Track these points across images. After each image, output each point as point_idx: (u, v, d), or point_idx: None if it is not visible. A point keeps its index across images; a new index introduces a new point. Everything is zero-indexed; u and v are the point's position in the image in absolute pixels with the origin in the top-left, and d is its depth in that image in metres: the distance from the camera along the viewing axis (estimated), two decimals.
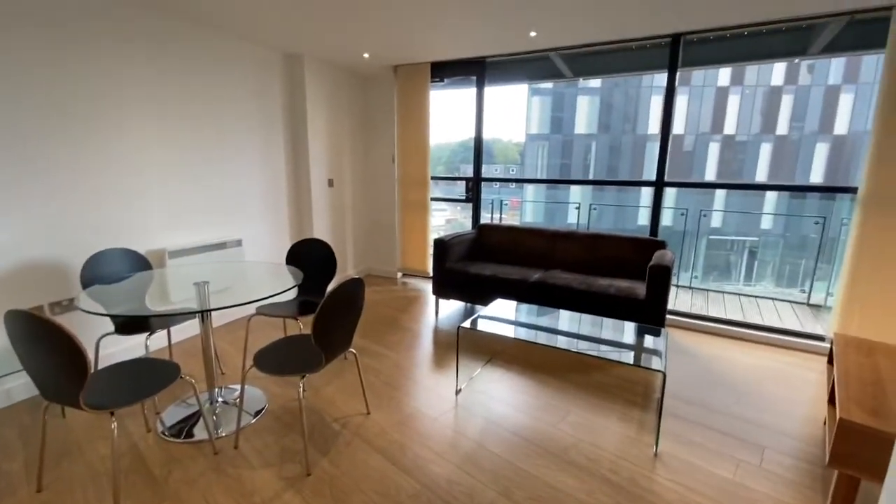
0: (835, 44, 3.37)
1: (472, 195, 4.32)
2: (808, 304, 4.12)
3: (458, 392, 2.38)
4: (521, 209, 20.96)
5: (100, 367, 2.22)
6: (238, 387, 2.39)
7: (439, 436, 1.99)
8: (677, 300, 4.20)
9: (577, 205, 4.94)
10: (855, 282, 2.77)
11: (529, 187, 22.38)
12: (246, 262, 3.12)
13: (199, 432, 2.00)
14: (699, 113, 21.62)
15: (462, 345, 3.03)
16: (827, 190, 4.59)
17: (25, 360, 1.46)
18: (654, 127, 22.10)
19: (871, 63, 19.17)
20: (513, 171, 30.22)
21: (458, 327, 2.34)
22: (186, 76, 2.96)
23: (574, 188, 21.22)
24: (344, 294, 1.78)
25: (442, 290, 3.61)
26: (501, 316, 2.63)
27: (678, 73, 3.35)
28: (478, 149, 4.21)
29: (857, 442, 1.36)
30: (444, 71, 4.15)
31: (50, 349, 1.38)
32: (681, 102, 21.94)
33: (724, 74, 20.88)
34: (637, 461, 1.84)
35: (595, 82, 21.60)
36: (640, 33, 3.16)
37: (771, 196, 19.02)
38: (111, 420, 1.52)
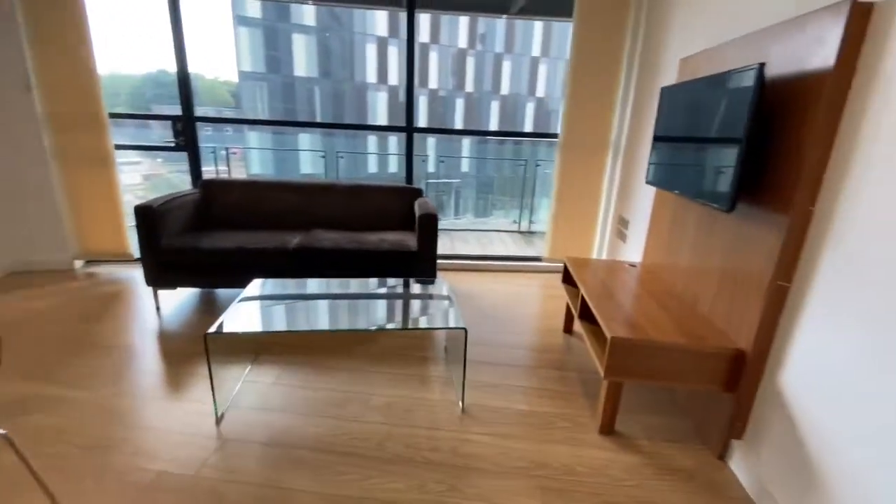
0: (530, 7, 3.90)
1: (186, 141, 3.20)
2: (520, 232, 5.09)
3: (219, 420, 1.72)
4: (246, 159, 18.49)
5: None
6: None
7: (206, 499, 1.36)
8: None
9: (324, 153, 4.46)
10: (559, 210, 3.46)
11: (250, 135, 19.82)
12: None
13: None
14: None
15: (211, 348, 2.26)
16: (537, 136, 5.59)
17: None
18: (372, 76, 22.89)
19: (527, 36, 24.90)
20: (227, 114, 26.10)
21: (206, 335, 1.64)
22: None
23: (302, 136, 20.08)
24: None
25: (160, 278, 2.59)
26: (261, 300, 2.03)
27: (416, 15, 3.18)
28: (183, 76, 3.08)
29: (623, 354, 1.59)
30: None
31: None
32: (392, 54, 23.30)
33: (423, 31, 23.09)
34: (450, 426, 1.74)
35: (310, 18, 20.22)
36: None
37: (465, 143, 23.13)
38: None
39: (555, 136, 3.44)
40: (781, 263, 1.38)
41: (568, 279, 2.53)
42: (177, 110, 3.15)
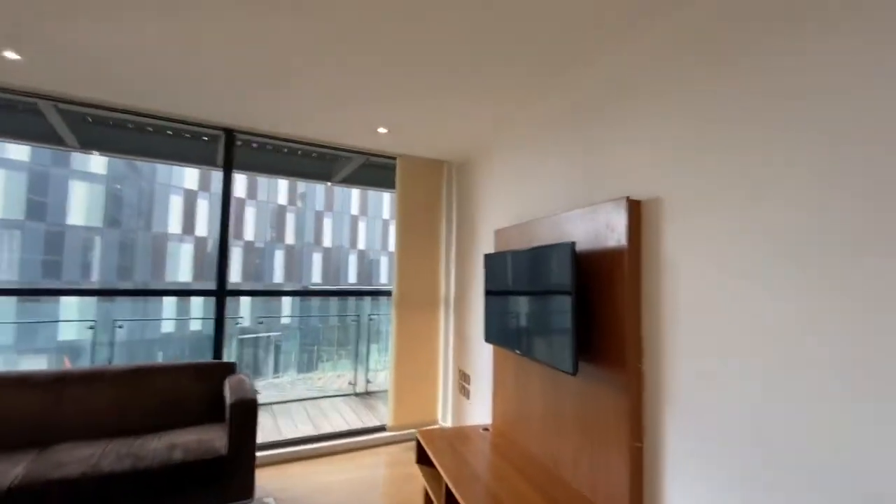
0: (352, 178, 4.18)
1: None
2: (357, 395, 4.59)
3: None
4: None
5: None
6: None
7: None
8: None
9: (93, 323, 3.42)
10: (400, 371, 3.25)
11: None
12: None
13: None
14: (217, 220, 22.40)
15: None
16: (372, 293, 5.55)
17: None
18: (176, 226, 20.98)
19: (345, 198, 26.89)
20: None
21: None
22: None
23: (68, 300, 16.14)
24: None
25: None
26: None
27: (233, 175, 3.02)
28: None
29: None
30: None
31: None
32: (202, 206, 22.15)
33: (240, 187, 22.99)
34: None
35: (99, 167, 18.08)
36: (194, 113, 2.62)
37: (287, 298, 22.05)
38: None
39: (388, 293, 3.42)
40: (632, 423, 1.42)
41: (423, 458, 2.21)
42: None
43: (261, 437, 3.24)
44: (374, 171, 4.07)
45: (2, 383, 2.13)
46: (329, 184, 4.17)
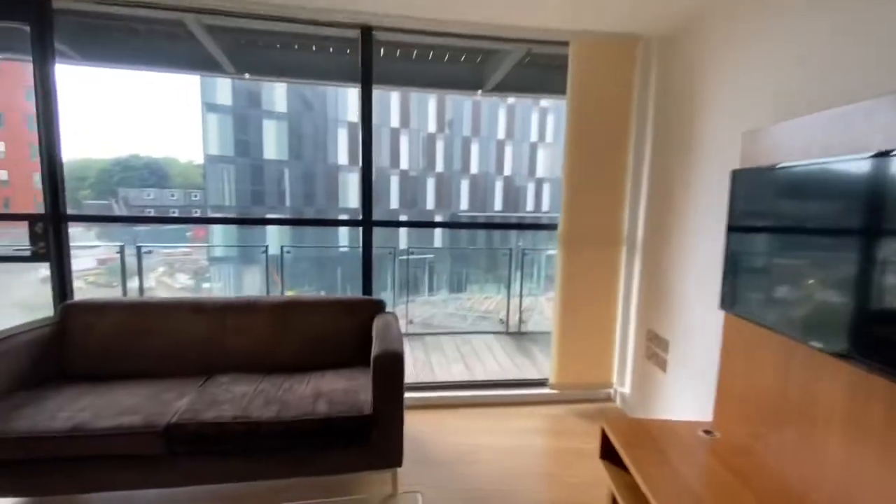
0: (507, 82, 3.39)
1: (48, 246, 2.27)
2: (508, 334, 4.21)
3: None
4: (209, 250, 17.49)
5: None
6: None
7: None
8: None
9: (265, 248, 3.60)
10: (566, 320, 2.63)
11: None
12: None
13: None
14: (378, 149, 23.89)
15: None
16: (533, 227, 5.04)
17: None
18: (343, 158, 23.09)
19: (492, 121, 25.97)
20: (196, 196, 25.65)
21: None
22: None
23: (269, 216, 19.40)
24: None
25: None
26: None
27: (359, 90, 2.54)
28: (51, 161, 2.23)
29: None
30: None
31: None
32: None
33: (394, 117, 23.76)
34: None
35: (281, 105, 20.52)
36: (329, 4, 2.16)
37: (438, 218, 23.05)
38: None
39: (546, 226, 2.74)
40: None
41: (609, 453, 1.62)
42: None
43: (410, 376, 3.09)
44: (534, 70, 3.24)
45: (180, 308, 2.20)
46: (480, 92, 3.48)
